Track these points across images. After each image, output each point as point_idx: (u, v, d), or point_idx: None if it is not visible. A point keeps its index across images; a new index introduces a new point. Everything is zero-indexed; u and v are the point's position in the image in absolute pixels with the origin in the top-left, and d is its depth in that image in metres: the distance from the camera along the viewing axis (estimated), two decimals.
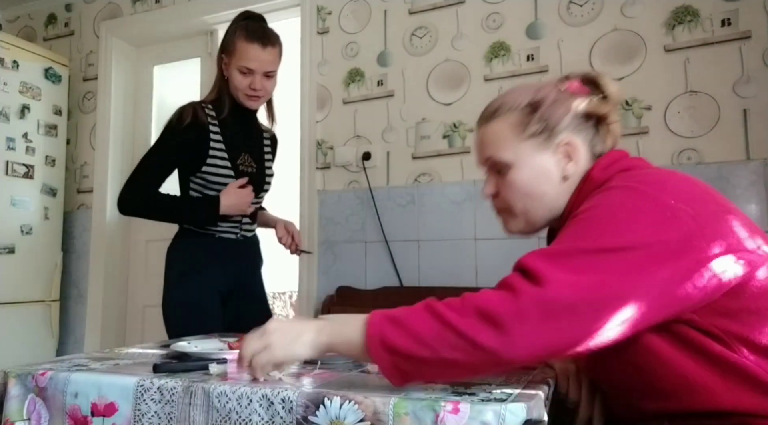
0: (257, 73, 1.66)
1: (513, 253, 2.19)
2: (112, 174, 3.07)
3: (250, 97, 1.70)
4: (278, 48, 1.71)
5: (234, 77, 1.68)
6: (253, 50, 1.64)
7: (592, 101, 0.93)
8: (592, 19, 2.12)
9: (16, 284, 2.79)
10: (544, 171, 0.93)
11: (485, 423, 0.69)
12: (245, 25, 1.69)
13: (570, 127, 0.93)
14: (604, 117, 0.94)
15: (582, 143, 0.93)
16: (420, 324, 0.73)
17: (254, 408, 0.81)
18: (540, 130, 0.93)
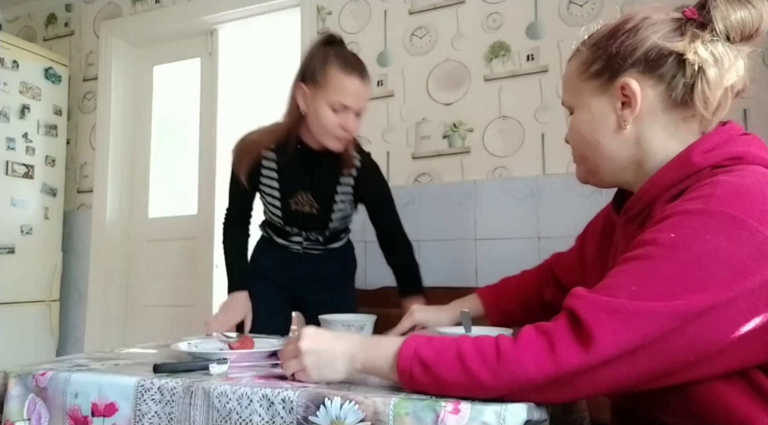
0: (351, 111, 1.45)
1: (513, 253, 2.19)
2: (112, 174, 3.07)
3: (338, 138, 1.48)
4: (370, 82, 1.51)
5: (322, 114, 1.45)
6: (353, 84, 1.43)
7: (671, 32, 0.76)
8: (592, 19, 2.12)
9: (16, 284, 2.79)
10: (599, 116, 0.82)
11: (485, 423, 0.69)
12: (338, 52, 1.47)
13: (639, 64, 0.77)
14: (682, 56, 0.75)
15: (653, 85, 0.77)
16: (450, 374, 0.71)
17: (254, 408, 0.81)
18: (601, 68, 0.81)
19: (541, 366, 0.66)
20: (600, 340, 0.64)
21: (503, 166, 2.21)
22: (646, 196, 0.79)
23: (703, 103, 0.75)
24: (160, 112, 3.21)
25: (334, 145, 1.50)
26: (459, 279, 2.21)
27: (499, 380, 0.68)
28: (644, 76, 0.77)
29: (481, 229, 2.22)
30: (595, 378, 0.66)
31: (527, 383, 0.67)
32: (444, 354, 0.72)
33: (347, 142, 1.52)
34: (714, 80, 0.74)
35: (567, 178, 2.10)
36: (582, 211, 2.07)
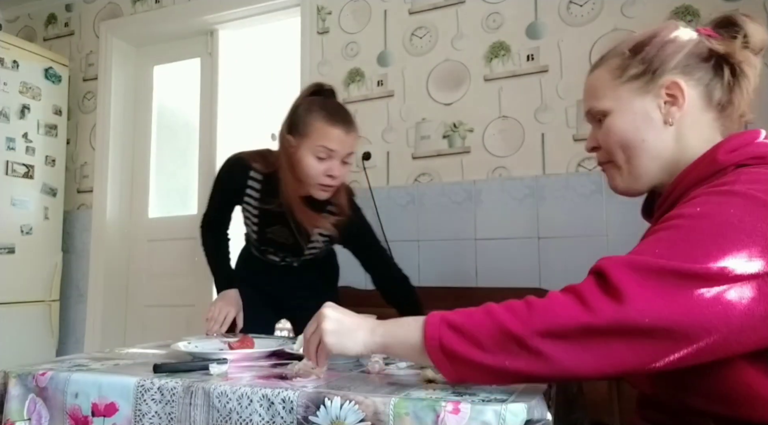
0: (337, 157, 1.45)
1: (513, 253, 2.19)
2: (112, 174, 3.07)
3: (324, 186, 1.48)
4: (356, 132, 1.51)
5: (307, 163, 1.45)
6: (337, 133, 1.44)
7: (713, 40, 0.81)
8: (592, 19, 2.12)
9: (16, 284, 2.79)
10: (643, 115, 0.83)
11: (486, 423, 0.69)
12: (322, 103, 1.49)
13: (679, 67, 0.81)
14: (726, 57, 0.80)
15: (694, 86, 0.81)
16: (480, 331, 0.70)
17: (255, 408, 0.81)
18: (641, 71, 0.83)
19: (573, 315, 0.66)
20: (629, 294, 0.64)
21: (503, 166, 2.21)
22: (674, 194, 0.81)
23: (744, 101, 0.81)
24: (160, 112, 3.21)
25: (319, 194, 1.50)
26: (459, 279, 2.21)
27: (531, 328, 0.67)
28: (685, 76, 0.81)
29: (481, 229, 2.22)
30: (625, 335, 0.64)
31: (560, 329, 0.66)
32: (472, 315, 0.72)
33: (333, 190, 1.52)
34: (752, 81, 0.80)
35: (567, 178, 2.10)
36: (582, 211, 2.07)
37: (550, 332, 0.66)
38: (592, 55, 2.11)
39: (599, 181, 2.05)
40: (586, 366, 0.66)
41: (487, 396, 0.76)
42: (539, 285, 2.07)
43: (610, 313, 0.64)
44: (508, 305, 0.71)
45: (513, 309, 0.70)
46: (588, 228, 2.05)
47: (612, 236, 2.01)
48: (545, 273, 2.09)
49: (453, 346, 0.71)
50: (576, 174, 2.09)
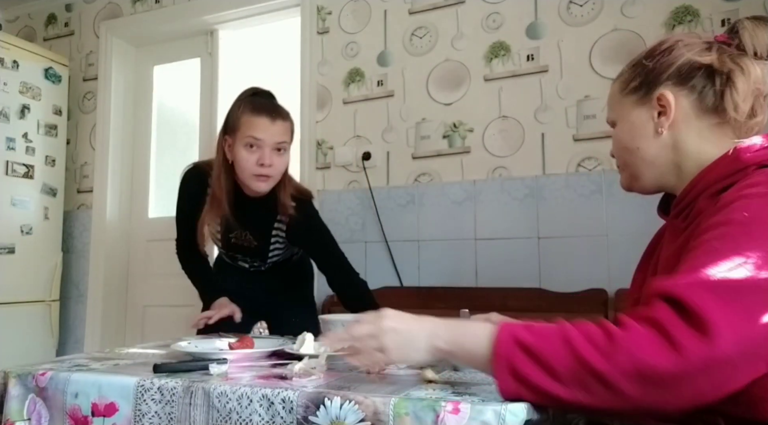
0: (266, 146, 1.49)
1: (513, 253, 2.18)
2: (112, 174, 3.07)
3: (259, 176, 1.51)
4: (289, 123, 1.56)
5: (240, 156, 1.50)
6: (262, 122, 1.49)
7: (701, 51, 0.85)
8: (592, 19, 2.12)
9: (16, 284, 2.79)
10: (639, 125, 0.89)
11: (485, 423, 0.69)
12: (250, 100, 1.57)
13: (672, 78, 0.86)
14: (711, 68, 0.83)
15: (686, 95, 0.85)
16: (556, 359, 0.66)
17: (254, 408, 0.81)
18: (639, 84, 0.89)
19: (662, 358, 0.61)
20: (716, 324, 0.61)
21: (503, 166, 2.21)
22: (694, 191, 0.83)
23: (734, 109, 0.82)
24: (160, 112, 3.21)
25: (256, 185, 1.53)
26: (459, 279, 2.21)
27: (616, 366, 0.63)
28: (678, 87, 0.86)
29: (481, 229, 2.22)
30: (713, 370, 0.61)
31: (649, 372, 0.62)
32: (547, 338, 0.68)
33: (270, 182, 1.53)
34: (742, 88, 0.82)
35: (567, 178, 2.10)
36: (582, 211, 2.07)
37: (638, 374, 0.62)
38: (592, 55, 2.11)
39: (599, 181, 2.05)
40: (670, 406, 0.63)
41: (487, 396, 0.76)
42: (539, 285, 2.07)
43: (702, 354, 0.61)
44: (586, 332, 0.67)
45: (592, 338, 0.66)
46: (588, 228, 2.05)
47: (612, 236, 2.01)
48: (545, 273, 2.09)
49: (525, 371, 0.68)
50: (576, 174, 2.09)
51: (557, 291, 1.99)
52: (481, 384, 0.83)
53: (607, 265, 2.00)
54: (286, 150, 1.55)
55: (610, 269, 1.99)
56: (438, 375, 0.90)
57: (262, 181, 1.52)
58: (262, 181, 1.52)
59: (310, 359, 0.96)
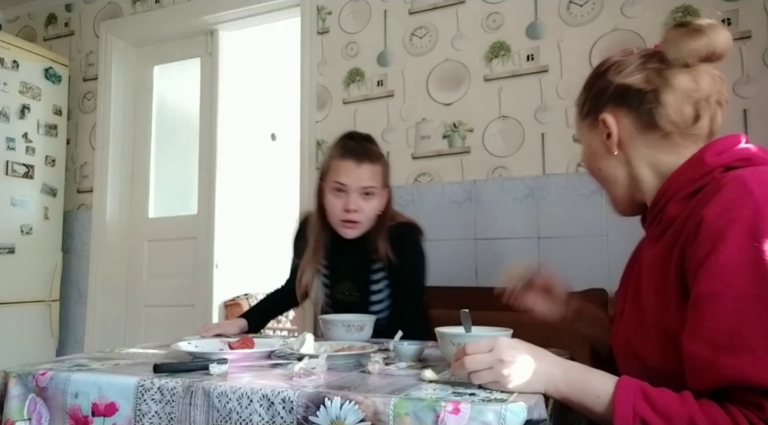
0: (351, 191, 1.47)
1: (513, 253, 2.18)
2: (112, 174, 3.07)
3: (345, 222, 1.50)
4: (379, 166, 1.52)
5: (328, 201, 1.51)
6: (347, 166, 1.48)
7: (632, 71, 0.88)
8: (592, 19, 2.12)
9: (16, 284, 2.79)
10: (594, 148, 0.94)
11: (486, 423, 0.69)
12: (342, 144, 1.55)
13: (612, 101, 0.90)
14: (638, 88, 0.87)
15: (625, 114, 0.88)
16: None
17: (254, 408, 0.81)
18: (588, 110, 0.94)
19: None
20: None
21: (503, 166, 2.21)
22: (663, 198, 0.85)
23: (668, 123, 0.85)
24: (160, 112, 3.21)
25: (344, 232, 1.52)
26: (459, 279, 2.21)
27: None
28: (618, 109, 0.89)
29: (481, 229, 2.22)
30: None
31: None
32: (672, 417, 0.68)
33: (358, 227, 1.51)
34: (671, 101, 0.84)
35: (567, 178, 2.10)
36: (582, 210, 2.07)
37: None
38: (592, 55, 2.11)
39: None
40: None
41: (487, 396, 0.76)
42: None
43: None
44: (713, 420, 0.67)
45: None
46: (588, 228, 2.05)
47: (612, 236, 2.01)
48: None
49: None
50: (576, 174, 2.09)
51: None
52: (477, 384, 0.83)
53: (607, 265, 2.00)
54: (374, 194, 1.51)
55: (610, 269, 1.99)
56: (438, 375, 0.90)
57: (349, 227, 1.51)
58: (348, 227, 1.51)
59: (310, 359, 0.96)
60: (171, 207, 3.15)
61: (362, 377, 0.92)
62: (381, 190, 1.54)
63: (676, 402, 0.69)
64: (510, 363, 0.78)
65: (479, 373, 0.80)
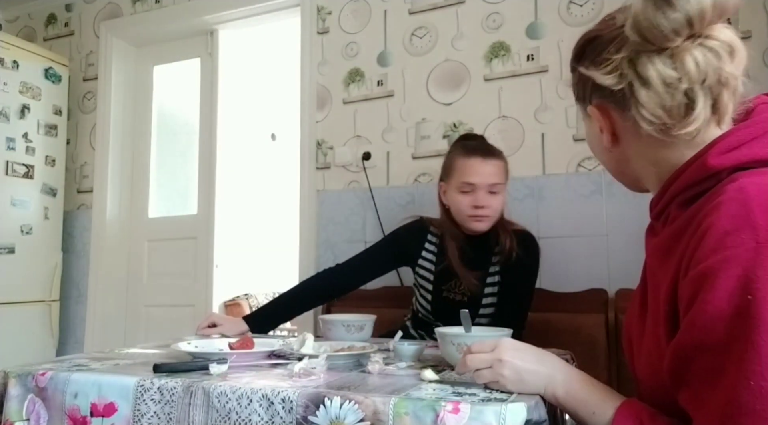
0: (480, 189, 1.52)
1: None
2: (112, 174, 3.07)
3: (475, 217, 1.53)
4: (503, 162, 1.57)
5: (455, 199, 1.55)
6: (474, 163, 1.52)
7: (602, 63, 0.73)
8: (592, 19, 2.12)
9: (16, 284, 2.79)
10: (592, 138, 0.83)
11: (485, 423, 0.69)
12: (462, 144, 1.61)
13: (597, 93, 0.76)
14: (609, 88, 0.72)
15: (612, 110, 0.75)
16: None
17: (254, 408, 0.81)
18: (578, 97, 0.84)
19: None
20: None
21: None
22: (665, 198, 0.74)
23: (647, 123, 0.70)
24: (160, 112, 3.21)
25: (473, 225, 1.56)
26: None
27: None
28: (603, 103, 0.76)
29: None
30: None
31: None
32: None
33: (488, 222, 1.55)
34: (648, 100, 0.69)
35: (567, 178, 2.10)
36: (582, 210, 2.07)
37: None
38: None
39: (599, 181, 2.04)
40: None
41: (487, 396, 0.76)
42: (539, 285, 2.07)
43: None
44: None
45: None
46: (588, 228, 2.05)
47: (612, 236, 2.01)
48: (545, 273, 2.09)
49: None
50: (576, 174, 2.09)
51: (557, 291, 1.99)
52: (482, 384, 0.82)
53: (607, 265, 2.00)
54: (501, 191, 1.56)
55: (610, 269, 1.99)
56: (438, 375, 0.90)
57: (478, 221, 1.55)
58: (477, 221, 1.55)
59: (310, 359, 0.96)
60: (171, 207, 3.15)
61: (362, 377, 0.92)
62: (504, 186, 1.59)
63: None
64: (509, 363, 0.78)
65: (480, 372, 0.80)
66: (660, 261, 0.74)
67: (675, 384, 0.65)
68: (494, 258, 1.61)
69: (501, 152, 1.60)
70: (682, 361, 0.62)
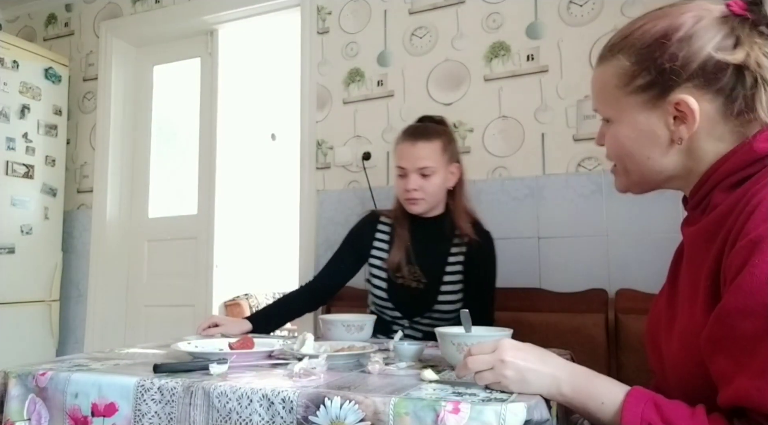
0: (410, 172, 1.56)
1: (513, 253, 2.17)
2: (112, 174, 3.07)
3: (409, 200, 1.58)
4: (437, 143, 1.57)
5: (395, 183, 1.62)
6: (404, 148, 1.57)
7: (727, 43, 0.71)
8: (592, 19, 2.12)
9: (16, 284, 2.79)
10: (648, 132, 0.77)
11: (485, 423, 0.69)
12: (407, 126, 1.66)
13: (694, 79, 0.72)
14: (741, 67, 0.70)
15: (711, 100, 0.72)
16: None
17: (254, 408, 0.81)
18: (649, 83, 0.75)
19: None
20: None
21: (503, 166, 2.21)
22: (706, 185, 0.75)
23: (766, 111, 0.71)
24: (160, 112, 3.21)
25: (409, 208, 1.61)
26: None
27: None
28: (701, 90, 0.72)
29: None
30: None
31: None
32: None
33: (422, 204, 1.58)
34: None
35: (567, 178, 2.10)
36: (582, 210, 2.07)
37: None
38: (592, 55, 2.10)
39: (599, 181, 2.04)
40: None
41: (487, 396, 0.76)
42: (539, 285, 2.07)
43: None
44: None
45: None
46: (588, 228, 2.05)
47: (612, 236, 2.01)
48: (545, 274, 2.09)
49: None
50: (576, 174, 2.09)
51: (557, 291, 1.99)
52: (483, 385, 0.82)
53: (607, 265, 2.00)
54: (434, 173, 1.57)
55: (610, 269, 1.99)
56: (438, 375, 0.90)
57: (413, 203, 1.59)
58: (412, 203, 1.59)
59: (310, 359, 0.96)
60: (171, 207, 3.15)
61: (362, 377, 0.92)
62: (442, 166, 1.58)
63: (686, 416, 0.67)
64: (512, 364, 0.77)
65: (482, 374, 0.80)
66: (702, 244, 0.75)
67: (713, 352, 0.66)
68: (455, 240, 1.63)
69: (439, 133, 1.60)
70: (725, 327, 0.64)
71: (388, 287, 1.63)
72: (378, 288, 1.65)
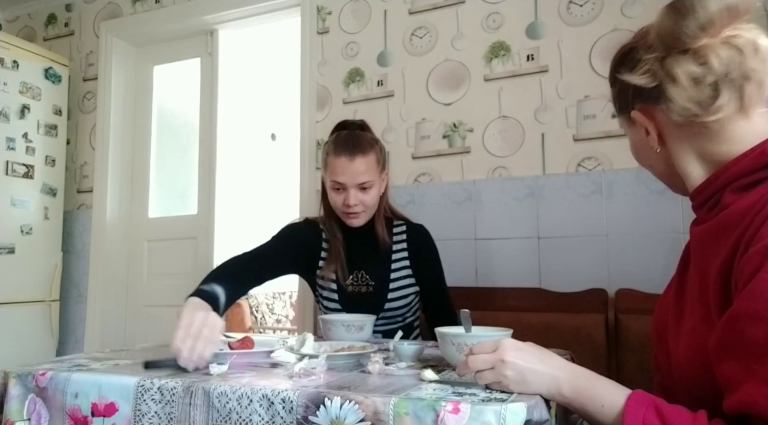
0: (350, 187, 1.52)
1: (513, 253, 2.18)
2: (112, 174, 3.07)
3: (348, 215, 1.56)
4: (372, 155, 1.55)
5: (330, 195, 1.57)
6: (341, 163, 1.51)
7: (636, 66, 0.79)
8: (592, 19, 2.12)
9: (16, 284, 2.79)
10: (639, 145, 0.87)
11: (486, 423, 0.69)
12: (335, 136, 1.59)
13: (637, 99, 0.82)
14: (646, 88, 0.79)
15: (658, 111, 0.80)
16: None
17: (254, 408, 0.81)
18: (620, 106, 0.87)
19: None
20: None
21: (503, 166, 2.21)
22: (715, 185, 0.78)
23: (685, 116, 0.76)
24: (160, 112, 3.21)
25: (349, 222, 1.58)
26: (459, 279, 2.21)
27: None
28: (645, 105, 0.81)
29: (481, 229, 2.22)
30: None
31: None
32: None
33: (363, 216, 1.57)
34: (675, 95, 0.76)
35: (567, 178, 2.10)
36: (582, 211, 2.07)
37: None
38: (592, 55, 2.11)
39: (599, 181, 2.05)
40: None
41: (487, 396, 0.76)
42: (539, 285, 2.07)
43: None
44: None
45: None
46: (588, 228, 2.05)
47: (612, 236, 2.01)
48: (545, 274, 2.09)
49: None
50: (576, 174, 2.09)
51: (557, 291, 1.99)
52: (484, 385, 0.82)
53: (607, 265, 2.00)
54: (372, 186, 1.55)
55: (610, 269, 1.99)
56: (438, 375, 0.90)
57: (353, 218, 1.56)
58: (353, 218, 1.57)
59: (310, 359, 0.96)
60: (171, 207, 3.15)
61: (362, 377, 0.92)
62: (378, 177, 1.58)
63: (688, 421, 0.67)
64: (512, 363, 0.77)
65: (482, 373, 0.80)
66: (711, 242, 0.76)
67: (721, 356, 0.67)
68: (395, 238, 1.65)
69: (372, 144, 1.57)
70: (735, 332, 0.65)
71: (339, 297, 1.63)
72: (329, 300, 1.64)
